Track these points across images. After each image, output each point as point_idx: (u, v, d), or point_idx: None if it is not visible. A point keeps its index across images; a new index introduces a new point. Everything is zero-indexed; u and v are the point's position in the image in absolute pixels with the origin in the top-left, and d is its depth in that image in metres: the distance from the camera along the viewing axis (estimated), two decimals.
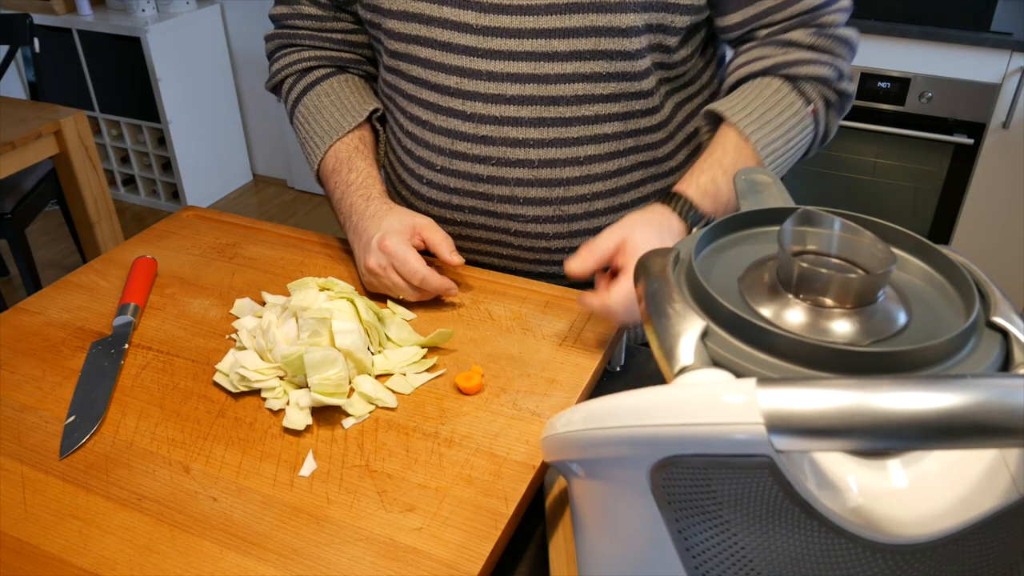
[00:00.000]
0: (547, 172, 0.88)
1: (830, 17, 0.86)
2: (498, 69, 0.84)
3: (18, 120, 1.88)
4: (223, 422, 0.70)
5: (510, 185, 0.89)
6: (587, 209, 0.91)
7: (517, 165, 0.88)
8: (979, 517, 0.39)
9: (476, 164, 0.89)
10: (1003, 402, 0.33)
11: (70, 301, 0.87)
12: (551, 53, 0.82)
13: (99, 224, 2.08)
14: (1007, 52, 2.01)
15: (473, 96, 0.86)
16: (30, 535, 0.60)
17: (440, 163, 0.91)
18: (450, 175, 0.91)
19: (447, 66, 0.86)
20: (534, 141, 0.86)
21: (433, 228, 0.86)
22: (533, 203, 0.90)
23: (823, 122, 0.89)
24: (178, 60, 3.01)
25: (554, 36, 0.82)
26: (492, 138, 0.87)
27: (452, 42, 0.85)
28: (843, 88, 0.88)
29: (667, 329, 0.46)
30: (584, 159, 0.88)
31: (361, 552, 0.58)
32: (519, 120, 0.86)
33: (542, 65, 0.83)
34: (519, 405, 0.72)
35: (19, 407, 0.72)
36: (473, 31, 0.83)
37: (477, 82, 0.85)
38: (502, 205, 0.91)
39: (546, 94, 0.84)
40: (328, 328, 0.73)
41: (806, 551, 0.38)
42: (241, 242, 0.98)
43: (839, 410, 0.34)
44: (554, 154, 0.87)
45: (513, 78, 0.84)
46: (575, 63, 0.83)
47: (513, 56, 0.83)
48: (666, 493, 0.40)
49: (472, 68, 0.85)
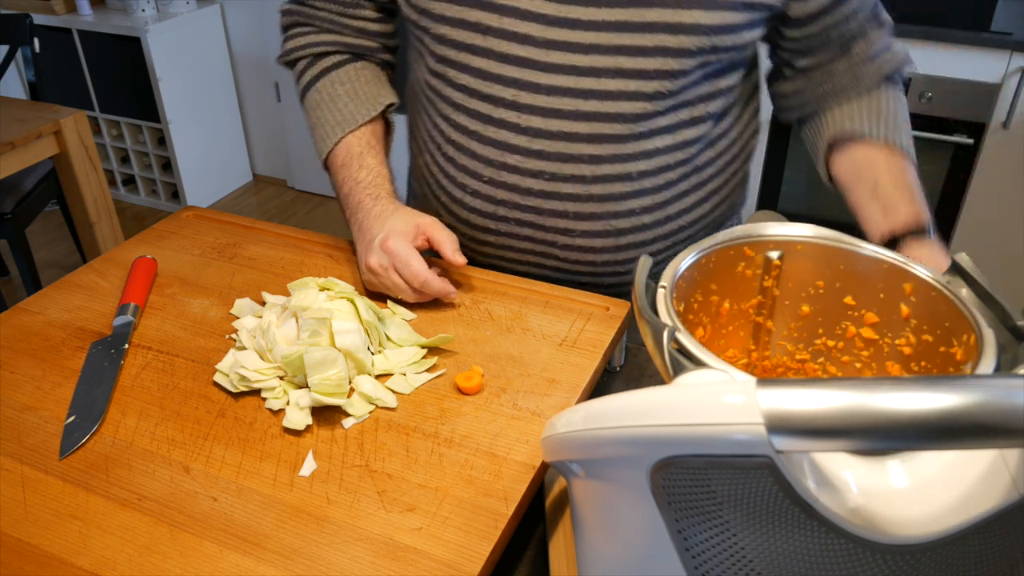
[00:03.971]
0: (599, 188, 0.86)
1: (879, 8, 0.90)
2: (558, 83, 0.81)
3: (18, 120, 1.88)
4: (223, 422, 0.70)
5: (561, 200, 0.87)
6: (635, 223, 0.90)
7: (570, 181, 0.85)
8: (979, 517, 0.39)
9: (527, 178, 0.86)
10: (1003, 402, 0.33)
11: (70, 301, 0.87)
12: (616, 70, 0.80)
13: (99, 224, 2.08)
14: (1007, 52, 2.01)
15: (529, 109, 0.83)
16: (30, 535, 0.60)
17: (488, 174, 0.88)
18: (498, 187, 0.89)
19: (504, 78, 0.83)
20: (588, 157, 0.84)
21: (438, 227, 0.85)
22: (584, 218, 0.88)
23: None
24: (178, 60, 3.01)
25: (621, 53, 0.79)
26: (546, 153, 0.84)
27: (510, 54, 0.82)
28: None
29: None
30: (637, 175, 0.86)
31: (361, 552, 0.58)
32: (575, 135, 0.83)
33: (605, 82, 0.80)
34: (519, 405, 0.72)
35: (19, 407, 0.72)
36: (535, 44, 0.81)
37: (535, 95, 0.82)
38: (552, 219, 0.88)
39: (605, 110, 0.82)
40: (328, 328, 0.73)
41: (806, 551, 0.38)
42: (241, 242, 0.98)
43: (839, 410, 0.34)
44: (607, 170, 0.85)
45: (573, 93, 0.81)
46: (640, 81, 0.80)
47: (576, 71, 0.80)
48: (666, 493, 0.40)
49: (530, 81, 0.82)
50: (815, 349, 0.68)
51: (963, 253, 0.58)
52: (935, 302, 0.59)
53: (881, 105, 0.90)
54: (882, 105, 0.90)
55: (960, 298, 0.57)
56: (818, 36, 0.88)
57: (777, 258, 0.66)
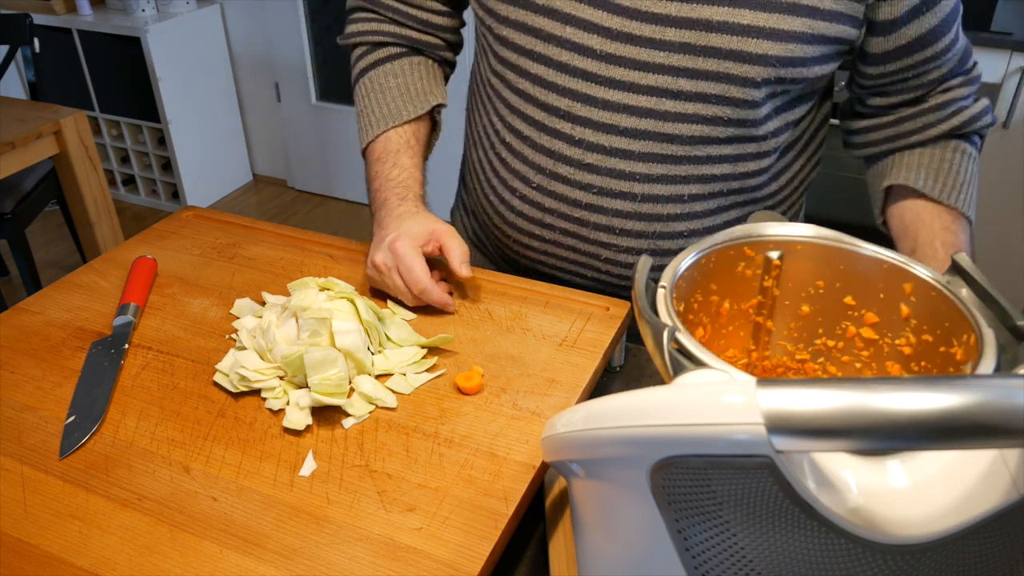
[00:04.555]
0: (648, 207, 0.85)
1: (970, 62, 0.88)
2: (615, 99, 0.80)
3: (18, 120, 1.88)
4: (223, 422, 0.70)
5: (608, 215, 0.86)
6: (681, 245, 0.88)
7: (619, 197, 0.85)
8: (979, 517, 0.39)
9: (576, 190, 0.86)
10: (1003, 402, 0.33)
11: (70, 301, 0.87)
12: (675, 91, 0.79)
13: (99, 224, 2.08)
14: (1007, 52, 2.02)
15: (584, 122, 0.82)
16: (30, 535, 0.60)
17: (538, 181, 0.88)
18: (546, 195, 0.88)
19: (560, 87, 0.82)
20: (640, 176, 0.83)
21: (452, 235, 0.85)
22: (629, 235, 0.87)
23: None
24: (178, 60, 3.01)
25: (682, 75, 0.78)
26: (597, 167, 0.84)
27: (570, 64, 0.81)
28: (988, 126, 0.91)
29: None
30: (688, 197, 0.85)
31: (361, 552, 0.58)
32: (628, 153, 0.82)
33: (663, 102, 0.79)
34: (519, 405, 0.72)
35: (19, 407, 0.72)
36: (596, 56, 0.80)
37: (591, 109, 0.82)
38: (597, 233, 0.88)
39: (661, 131, 0.81)
40: (328, 328, 0.73)
41: (806, 551, 0.38)
42: (241, 242, 0.98)
43: (839, 410, 0.34)
44: (659, 190, 0.84)
45: (630, 110, 0.81)
46: (698, 104, 0.79)
47: (634, 88, 0.80)
48: (666, 493, 0.40)
49: (587, 94, 0.81)
50: (815, 349, 0.68)
51: (963, 253, 0.58)
52: (935, 302, 0.59)
53: (944, 160, 0.87)
54: (944, 160, 0.87)
55: (960, 298, 0.57)
56: (895, 76, 0.85)
57: (777, 258, 0.66)
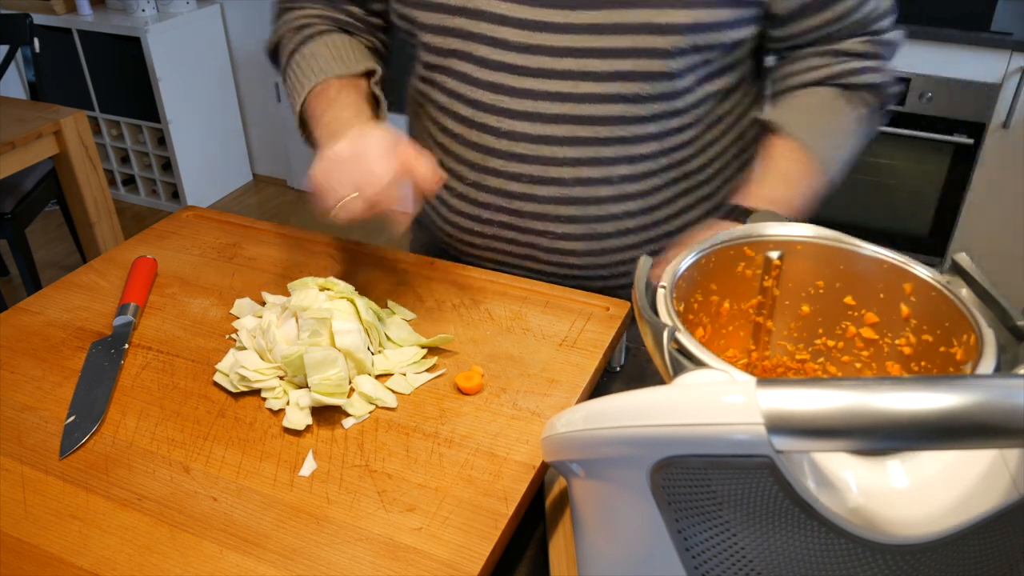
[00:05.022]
0: (580, 191, 0.86)
1: (881, 23, 0.88)
2: (535, 87, 0.82)
3: (18, 120, 1.88)
4: (223, 422, 0.70)
5: (542, 203, 0.88)
6: (619, 228, 0.90)
7: (550, 183, 0.86)
8: (979, 517, 0.39)
9: (508, 181, 0.87)
10: (1003, 402, 0.33)
11: (70, 301, 0.87)
12: (590, 73, 0.80)
13: (99, 224, 2.08)
14: (1007, 52, 2.02)
15: (508, 113, 0.84)
16: (30, 535, 0.60)
17: (472, 177, 0.90)
18: (481, 190, 0.90)
19: (483, 82, 0.84)
20: (568, 160, 0.85)
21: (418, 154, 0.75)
22: (564, 221, 0.88)
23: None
24: (178, 60, 3.01)
25: (594, 56, 0.79)
26: (526, 156, 0.85)
27: (489, 58, 0.82)
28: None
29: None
30: (618, 179, 0.86)
31: (361, 552, 0.58)
32: (554, 139, 0.84)
33: (580, 85, 0.81)
34: (519, 405, 0.72)
35: (19, 407, 0.72)
36: (511, 48, 0.81)
37: (513, 99, 0.83)
38: (533, 222, 0.89)
39: (582, 113, 0.82)
40: (328, 328, 0.73)
41: (806, 551, 0.38)
42: (241, 242, 0.98)
43: (839, 410, 0.34)
44: (588, 173, 0.85)
45: (550, 96, 0.82)
46: (615, 83, 0.80)
47: (551, 74, 0.81)
48: (666, 493, 0.40)
49: (508, 85, 0.83)
50: (815, 349, 0.68)
51: (963, 253, 0.58)
52: (935, 302, 0.59)
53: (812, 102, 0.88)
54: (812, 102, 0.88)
55: (960, 298, 0.57)
56: (799, 39, 0.87)
57: (777, 258, 0.66)
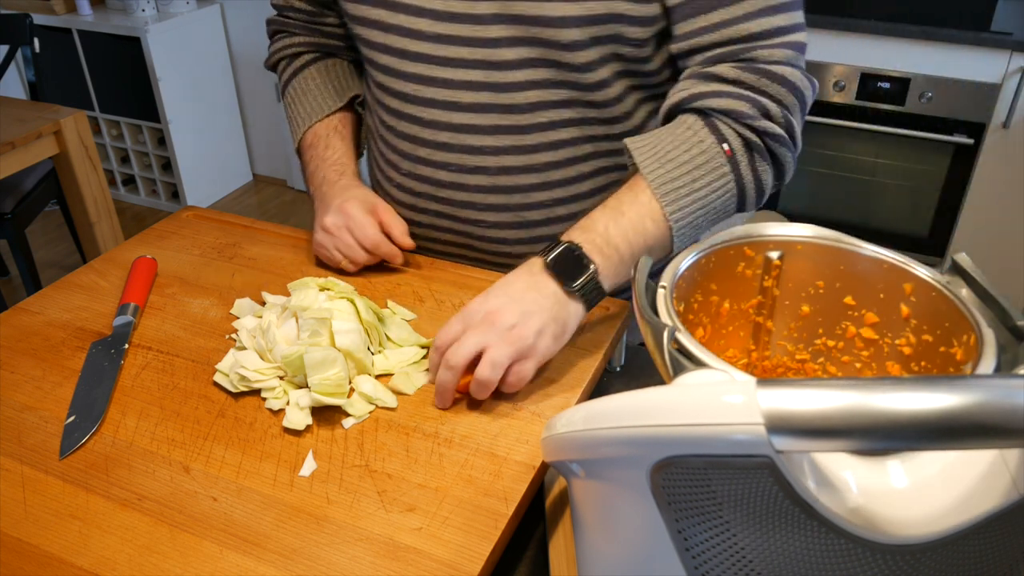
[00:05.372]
0: (505, 179, 0.88)
1: (766, 51, 0.76)
2: (453, 77, 0.84)
3: (18, 120, 1.88)
4: (223, 422, 0.70)
5: (469, 191, 0.90)
6: (548, 215, 0.91)
7: (475, 172, 0.88)
8: (979, 517, 0.39)
9: (437, 170, 0.90)
10: (1003, 402, 0.33)
11: (70, 301, 0.87)
12: (501, 62, 0.82)
13: (99, 224, 2.08)
14: (1007, 52, 2.02)
15: (430, 103, 0.86)
16: (30, 535, 0.60)
17: (405, 167, 0.93)
18: (414, 179, 0.93)
19: (405, 73, 0.87)
20: (491, 148, 0.87)
21: (391, 212, 0.89)
22: (493, 209, 0.90)
23: (746, 169, 0.78)
24: (178, 60, 3.01)
25: (503, 45, 0.81)
26: (450, 145, 0.88)
27: (408, 49, 0.85)
28: (765, 128, 0.76)
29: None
30: (541, 166, 0.88)
31: (361, 552, 0.58)
32: (475, 127, 0.86)
33: (494, 74, 0.82)
34: (519, 405, 0.72)
35: (19, 407, 0.72)
36: (428, 39, 0.83)
37: (434, 89, 0.85)
38: (463, 211, 0.92)
39: (500, 102, 0.84)
40: (328, 328, 0.73)
41: (806, 551, 0.38)
42: (241, 242, 0.98)
43: (839, 410, 0.34)
44: (511, 161, 0.87)
45: (468, 86, 0.84)
46: (527, 71, 0.82)
47: (466, 64, 0.83)
48: (666, 493, 0.40)
49: (428, 75, 0.85)
50: (815, 349, 0.68)
51: (963, 253, 0.58)
52: (935, 302, 0.59)
53: (661, 132, 0.79)
54: (661, 132, 0.79)
55: (960, 298, 0.57)
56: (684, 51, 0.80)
57: (777, 258, 0.66)
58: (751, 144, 0.77)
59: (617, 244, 0.74)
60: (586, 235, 0.74)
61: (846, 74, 2.21)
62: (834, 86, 2.23)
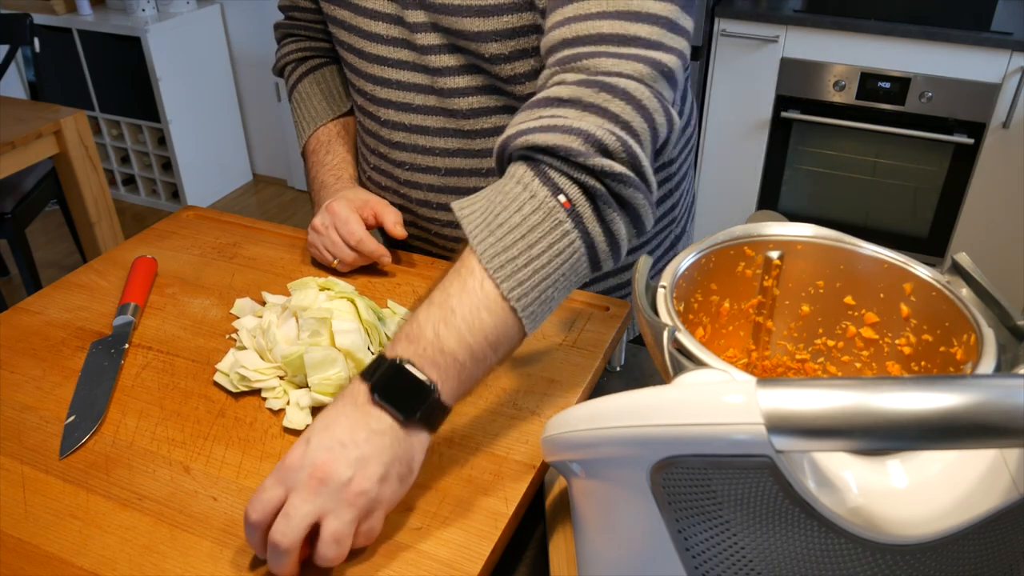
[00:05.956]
0: (454, 180, 0.90)
1: (611, 60, 0.64)
2: (404, 79, 0.86)
3: (18, 120, 1.88)
4: (223, 422, 0.70)
5: (423, 190, 0.92)
6: None
7: (428, 172, 0.90)
8: (979, 517, 0.39)
9: (395, 167, 0.93)
10: (1003, 402, 0.33)
11: (70, 301, 0.87)
12: (443, 68, 0.83)
13: (99, 224, 2.08)
14: (1007, 52, 2.02)
15: (387, 104, 0.89)
16: (30, 535, 0.60)
17: (372, 162, 0.96)
18: (380, 174, 0.96)
19: (366, 73, 0.89)
20: (440, 150, 0.89)
21: (384, 204, 0.92)
22: (445, 208, 0.92)
23: (591, 220, 0.62)
24: (178, 60, 3.01)
25: (441, 52, 0.82)
26: (404, 144, 0.90)
27: (366, 50, 0.87)
28: (602, 167, 0.61)
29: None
30: (487, 171, 0.89)
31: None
32: (425, 129, 0.88)
33: (437, 80, 0.84)
34: (519, 405, 0.72)
35: (19, 407, 0.72)
36: (383, 42, 0.85)
37: (389, 90, 0.88)
38: (420, 208, 0.94)
39: (445, 106, 0.85)
40: (328, 328, 0.73)
41: (806, 551, 0.38)
42: (241, 242, 0.98)
43: (839, 410, 0.34)
44: (459, 164, 0.89)
45: (417, 88, 0.86)
46: (466, 78, 0.83)
47: (415, 68, 0.85)
48: (666, 493, 0.40)
49: (384, 77, 0.87)
50: (815, 349, 0.68)
51: (963, 253, 0.58)
52: (935, 302, 0.59)
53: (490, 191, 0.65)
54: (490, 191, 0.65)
55: (960, 298, 0.57)
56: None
57: (777, 258, 0.66)
58: (591, 191, 0.61)
59: (453, 350, 0.58)
60: (414, 346, 0.58)
61: (846, 74, 2.21)
62: (834, 86, 2.23)
